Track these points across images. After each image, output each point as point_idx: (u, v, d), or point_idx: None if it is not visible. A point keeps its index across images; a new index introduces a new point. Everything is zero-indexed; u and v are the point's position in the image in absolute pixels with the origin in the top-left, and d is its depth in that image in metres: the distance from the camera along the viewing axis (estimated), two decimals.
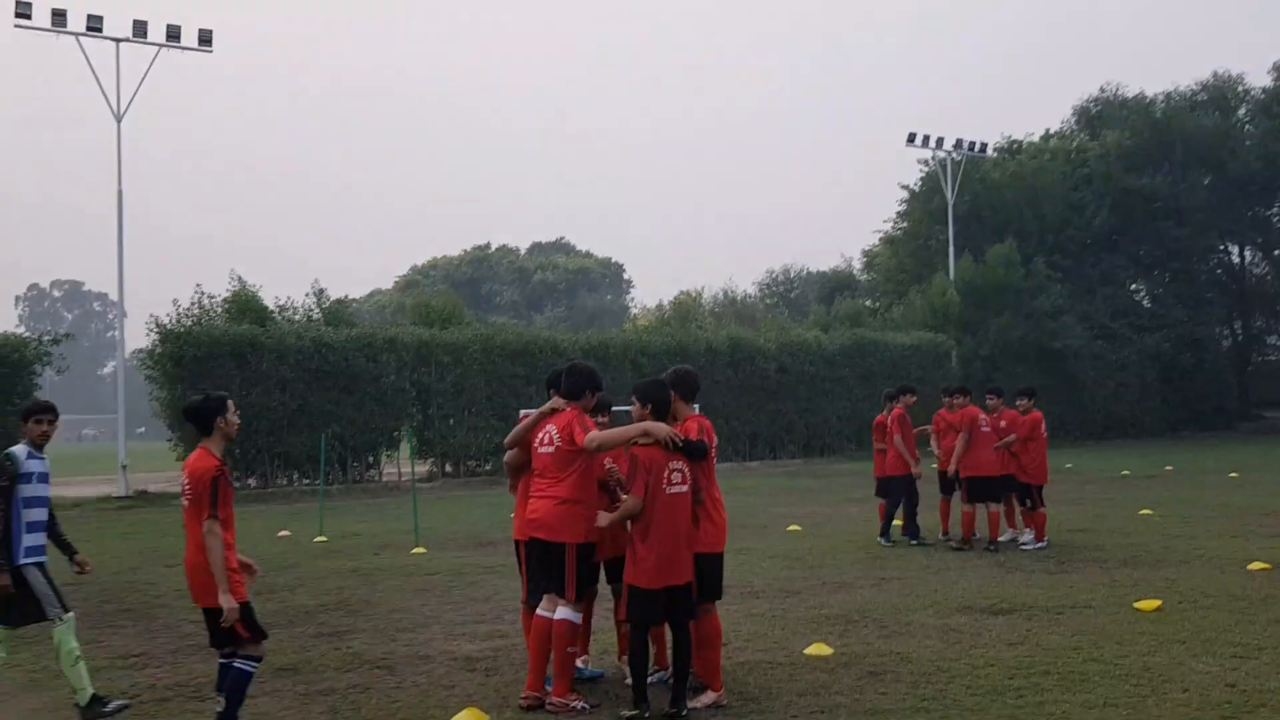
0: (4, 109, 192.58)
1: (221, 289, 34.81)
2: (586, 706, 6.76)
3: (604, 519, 6.82)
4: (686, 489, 6.69)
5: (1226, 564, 11.83)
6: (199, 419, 6.22)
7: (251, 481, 26.08)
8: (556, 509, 6.81)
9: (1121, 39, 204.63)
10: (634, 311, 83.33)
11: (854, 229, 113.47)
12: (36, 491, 7.00)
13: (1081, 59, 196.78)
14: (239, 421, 6.47)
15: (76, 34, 28.55)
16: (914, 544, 14.02)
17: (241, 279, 28.22)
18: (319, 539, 16.16)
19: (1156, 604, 9.49)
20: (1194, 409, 48.98)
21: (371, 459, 28.55)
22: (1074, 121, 56.59)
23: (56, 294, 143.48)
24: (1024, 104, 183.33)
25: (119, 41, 29.09)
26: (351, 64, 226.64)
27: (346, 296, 40.74)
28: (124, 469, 26.73)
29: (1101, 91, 56.74)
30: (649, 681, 6.78)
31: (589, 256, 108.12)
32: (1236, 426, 50.18)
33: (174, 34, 29.69)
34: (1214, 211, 49.96)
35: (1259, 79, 57.75)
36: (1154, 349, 46.05)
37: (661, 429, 6.66)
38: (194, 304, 26.87)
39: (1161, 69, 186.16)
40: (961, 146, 45.87)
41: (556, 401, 7.05)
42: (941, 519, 14.52)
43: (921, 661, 7.78)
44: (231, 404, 6.32)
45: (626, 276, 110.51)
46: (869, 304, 50.40)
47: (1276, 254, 55.32)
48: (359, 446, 27.78)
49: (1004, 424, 14.05)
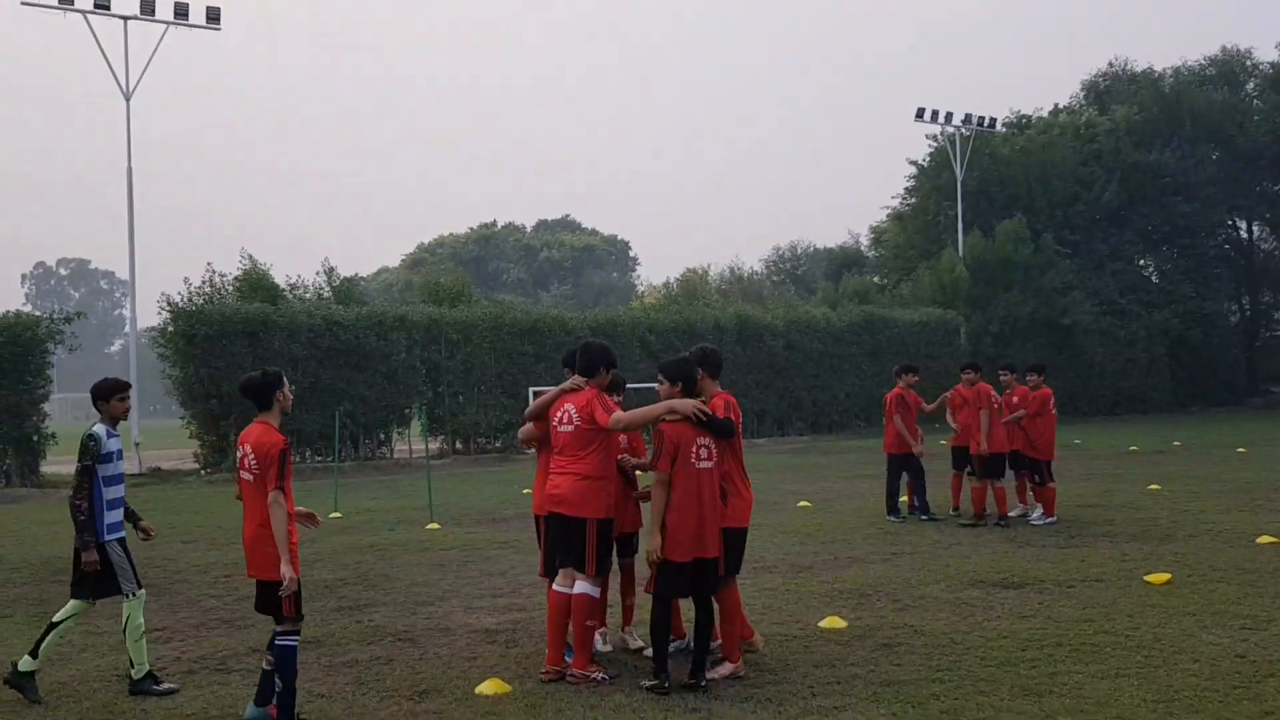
0: (10, 86, 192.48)
1: (227, 267, 34.92)
2: (607, 678, 6.87)
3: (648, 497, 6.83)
4: (712, 465, 6.78)
5: (1235, 538, 11.92)
6: (258, 394, 6.36)
7: None
8: (578, 485, 6.91)
9: (1130, 13, 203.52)
10: (641, 289, 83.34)
11: (862, 205, 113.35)
12: (116, 469, 7.14)
13: (1090, 34, 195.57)
14: (293, 396, 6.63)
15: (84, 11, 28.60)
16: (924, 519, 14.13)
17: (252, 258, 28.34)
18: (334, 515, 16.30)
19: (1166, 577, 9.59)
20: (1202, 384, 49.06)
21: (383, 436, 28.73)
22: (1083, 96, 56.37)
23: (63, 272, 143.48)
24: (1033, 79, 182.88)
25: (126, 19, 29.15)
26: (357, 40, 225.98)
27: (356, 275, 40.84)
28: (137, 446, 26.94)
29: (1110, 66, 56.63)
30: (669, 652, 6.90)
31: (595, 234, 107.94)
32: (1244, 402, 50.27)
33: (182, 11, 29.76)
34: (1222, 186, 49.78)
35: (1268, 53, 57.29)
36: (1162, 325, 46.06)
37: (688, 404, 6.75)
38: (205, 282, 27.00)
39: (1170, 44, 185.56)
40: (970, 122, 45.76)
41: (576, 380, 7.14)
42: (953, 494, 14.63)
43: (935, 634, 7.89)
44: (286, 379, 6.49)
45: (632, 254, 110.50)
46: (877, 281, 50.37)
47: None
48: (370, 424, 27.96)
49: (1016, 400, 14.15)
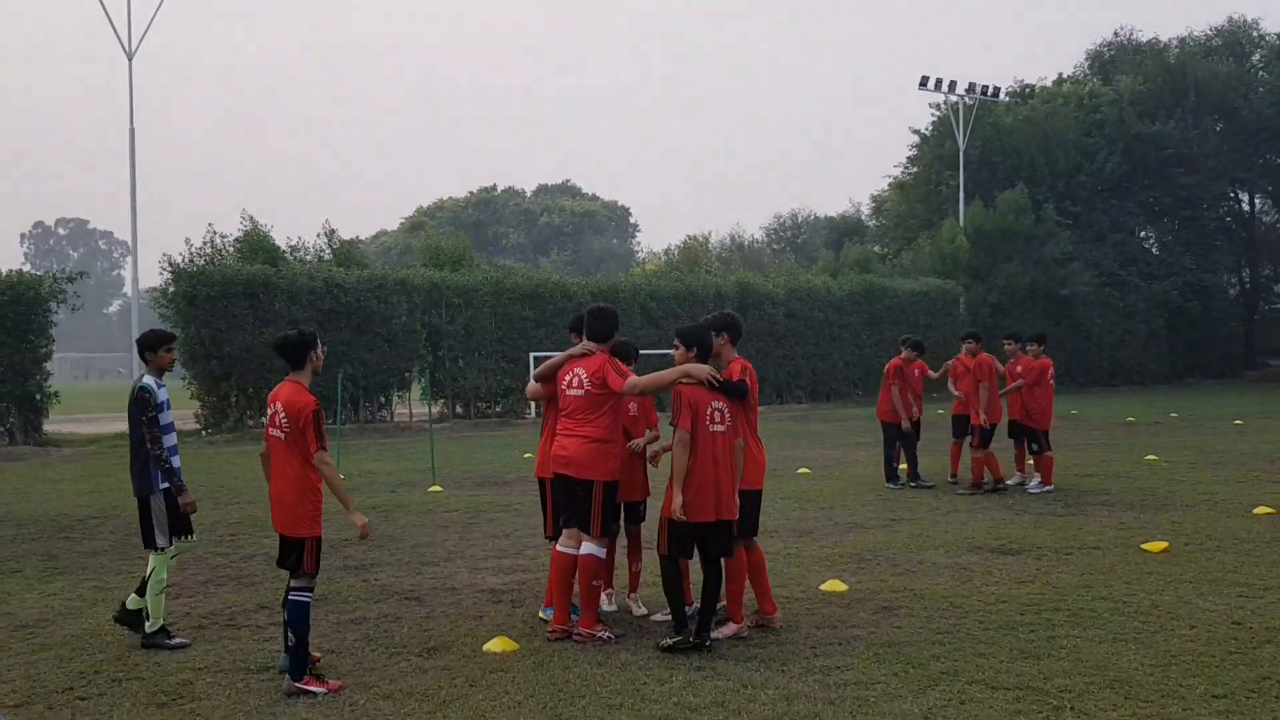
0: (9, 45, 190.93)
1: (227, 228, 34.74)
2: (613, 637, 6.97)
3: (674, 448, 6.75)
4: (725, 429, 6.85)
5: (1232, 508, 12.04)
6: (294, 352, 6.40)
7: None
8: (585, 447, 6.99)
9: None
10: (641, 256, 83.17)
11: (863, 174, 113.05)
12: (168, 419, 7.26)
13: (1095, 2, 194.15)
14: (324, 357, 6.67)
15: None
16: (913, 486, 14.29)
17: (253, 219, 28.24)
18: None
19: (1163, 545, 9.70)
20: (1200, 356, 49.19)
21: (384, 399, 28.79)
22: (1087, 66, 56.15)
23: (62, 232, 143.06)
24: (1037, 48, 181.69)
25: None
26: (359, 4, 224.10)
27: (356, 237, 40.69)
28: None
29: (1115, 36, 56.40)
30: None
31: (595, 200, 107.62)
32: (1242, 374, 50.43)
33: None
34: (1225, 158, 49.68)
35: (1274, 24, 57.27)
36: (1162, 296, 46.12)
37: (702, 369, 6.84)
38: (206, 243, 26.92)
39: (1175, 14, 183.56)
40: (974, 90, 45.57)
41: (586, 345, 7.20)
42: (951, 462, 14.74)
43: (934, 598, 7.99)
44: (320, 340, 6.54)
45: (633, 220, 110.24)
46: (878, 250, 50.31)
47: None
48: (371, 387, 28.01)
49: (1020, 370, 14.25)
